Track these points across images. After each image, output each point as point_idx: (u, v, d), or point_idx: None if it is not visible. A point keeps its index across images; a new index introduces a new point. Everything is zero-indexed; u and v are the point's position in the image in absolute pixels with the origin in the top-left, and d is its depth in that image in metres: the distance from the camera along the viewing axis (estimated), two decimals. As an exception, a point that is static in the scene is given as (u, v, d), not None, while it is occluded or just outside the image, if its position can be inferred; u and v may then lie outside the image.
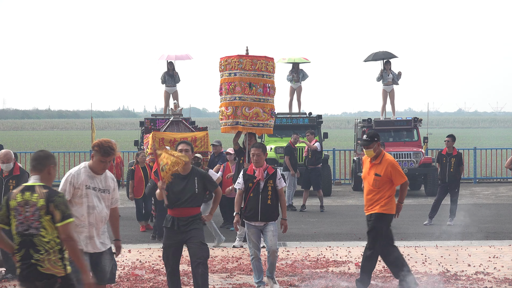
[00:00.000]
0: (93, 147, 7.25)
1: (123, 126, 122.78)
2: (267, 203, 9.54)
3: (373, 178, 9.49)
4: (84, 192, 7.18)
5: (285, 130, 22.80)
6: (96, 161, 7.23)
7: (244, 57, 12.96)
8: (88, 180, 7.22)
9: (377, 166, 9.51)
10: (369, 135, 9.59)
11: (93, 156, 7.25)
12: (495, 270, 10.91)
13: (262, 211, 9.54)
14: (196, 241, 8.48)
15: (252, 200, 9.57)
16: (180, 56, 22.68)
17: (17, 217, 6.15)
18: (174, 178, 8.49)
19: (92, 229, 7.22)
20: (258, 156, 9.59)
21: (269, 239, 9.57)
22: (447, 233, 14.67)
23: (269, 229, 9.59)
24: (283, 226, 9.72)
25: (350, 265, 11.34)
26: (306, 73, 24.00)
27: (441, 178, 16.07)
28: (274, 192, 9.59)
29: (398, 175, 9.46)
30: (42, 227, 6.10)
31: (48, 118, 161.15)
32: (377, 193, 9.50)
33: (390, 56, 23.64)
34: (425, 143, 23.92)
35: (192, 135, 14.84)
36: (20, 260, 6.16)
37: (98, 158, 7.21)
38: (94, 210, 7.21)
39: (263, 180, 9.56)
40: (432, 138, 32.09)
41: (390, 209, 9.56)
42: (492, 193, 22.78)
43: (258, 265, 9.63)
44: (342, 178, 26.87)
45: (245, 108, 12.94)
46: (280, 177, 9.67)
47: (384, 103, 23.73)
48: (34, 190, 6.17)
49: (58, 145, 57.89)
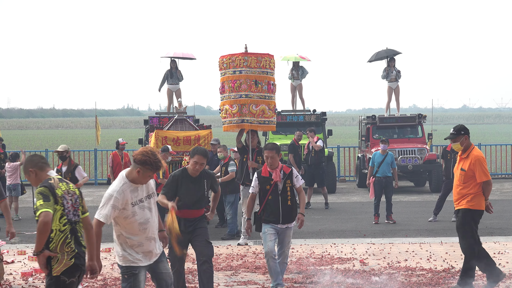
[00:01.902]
0: (142, 164, 6.57)
1: (127, 124, 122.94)
2: (288, 204, 9.20)
3: (459, 172, 9.40)
4: (131, 212, 6.62)
5: (289, 128, 22.79)
6: (143, 176, 6.60)
7: (249, 55, 12.95)
8: (131, 196, 6.62)
9: (464, 160, 9.40)
10: (456, 128, 9.52)
11: (139, 171, 6.58)
12: (500, 266, 10.87)
13: (284, 213, 9.17)
14: (201, 239, 8.52)
15: (271, 203, 9.18)
16: (186, 54, 22.75)
17: (65, 205, 6.20)
18: (184, 181, 8.44)
19: (150, 243, 6.73)
20: (272, 159, 9.19)
21: (286, 243, 9.30)
22: (452, 230, 14.63)
23: (288, 234, 9.28)
24: (299, 220, 9.22)
25: (355, 262, 11.34)
26: (306, 69, 24.00)
27: (445, 175, 16.06)
28: (292, 192, 9.26)
29: (481, 172, 9.22)
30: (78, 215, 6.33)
31: (53, 117, 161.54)
32: (463, 188, 9.33)
33: (393, 53, 23.64)
34: (429, 140, 23.91)
35: (196, 133, 14.85)
36: (77, 248, 6.22)
37: (147, 174, 6.61)
38: (147, 224, 6.70)
39: (281, 181, 9.19)
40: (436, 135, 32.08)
41: (478, 204, 9.31)
42: (497, 189, 22.74)
43: (273, 265, 9.19)
44: (347, 175, 26.87)
45: (252, 106, 12.92)
46: (297, 175, 9.31)
47: (389, 100, 23.74)
48: (64, 181, 6.34)
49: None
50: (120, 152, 18.28)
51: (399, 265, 11.00)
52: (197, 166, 8.43)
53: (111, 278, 10.42)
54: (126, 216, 6.59)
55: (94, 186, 25.51)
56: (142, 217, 6.63)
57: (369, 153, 21.57)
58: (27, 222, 16.70)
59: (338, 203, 19.74)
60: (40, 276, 10.57)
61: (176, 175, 8.53)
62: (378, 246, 12.81)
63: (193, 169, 8.45)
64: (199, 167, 8.44)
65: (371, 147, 22.49)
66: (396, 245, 12.90)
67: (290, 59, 23.84)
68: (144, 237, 6.67)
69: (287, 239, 9.31)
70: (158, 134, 14.36)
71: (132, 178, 6.63)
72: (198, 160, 8.41)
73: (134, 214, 6.59)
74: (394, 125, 23.52)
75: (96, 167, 26.40)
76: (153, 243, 6.76)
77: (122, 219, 6.61)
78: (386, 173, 15.90)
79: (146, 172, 6.58)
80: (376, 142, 21.73)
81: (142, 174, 6.59)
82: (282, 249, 9.35)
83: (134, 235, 6.65)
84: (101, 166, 27.13)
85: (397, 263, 11.16)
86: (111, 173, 17.98)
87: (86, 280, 10.25)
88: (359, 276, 10.13)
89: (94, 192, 23.46)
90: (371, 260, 11.51)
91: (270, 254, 9.15)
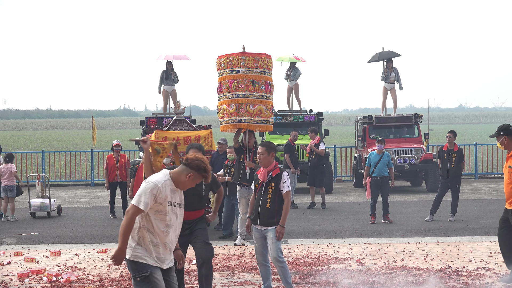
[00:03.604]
0: (198, 170, 6.34)
1: (124, 125, 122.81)
2: (266, 207, 8.98)
3: (508, 170, 9.48)
4: (166, 209, 6.34)
5: (285, 128, 22.79)
6: (191, 182, 6.38)
7: (247, 55, 12.95)
8: (170, 195, 6.38)
9: (510, 158, 9.54)
10: (498, 128, 9.67)
11: (190, 176, 6.34)
12: (496, 265, 10.92)
13: (261, 215, 9.01)
14: (200, 241, 8.51)
15: (255, 202, 9.15)
16: (178, 56, 22.77)
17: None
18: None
19: (166, 251, 6.42)
20: (261, 155, 9.08)
21: (269, 246, 9.03)
22: (449, 229, 14.67)
23: (269, 236, 9.01)
24: (278, 232, 8.92)
25: (352, 262, 11.34)
26: (299, 70, 24.02)
27: (442, 174, 16.07)
28: (275, 196, 8.95)
29: None
30: None
31: (49, 118, 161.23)
32: None
33: (392, 55, 23.66)
34: (426, 139, 23.93)
35: (196, 133, 14.75)
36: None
37: (197, 180, 6.40)
38: (171, 228, 6.40)
39: (265, 182, 9.06)
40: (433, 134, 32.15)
41: None
42: (493, 188, 22.78)
43: (263, 271, 9.11)
44: (343, 175, 26.88)
45: (250, 105, 12.92)
46: (285, 181, 8.97)
47: (384, 100, 23.75)
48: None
49: (59, 144, 57.89)
50: (115, 154, 17.79)
51: (395, 265, 11.01)
52: None
53: (107, 279, 10.41)
54: (159, 211, 6.28)
55: (91, 187, 25.49)
56: (171, 219, 6.36)
57: (366, 153, 21.57)
58: (23, 223, 16.68)
59: (335, 203, 19.75)
60: (36, 277, 10.55)
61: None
62: (374, 246, 12.82)
63: None
64: None
65: (368, 147, 22.50)
66: (392, 245, 12.91)
67: (285, 60, 23.86)
68: (163, 240, 6.36)
69: (270, 240, 8.97)
70: (158, 134, 14.29)
71: (177, 180, 6.36)
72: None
73: (166, 213, 6.31)
74: (390, 125, 23.54)
75: (93, 168, 26.39)
76: (168, 254, 6.45)
77: (154, 212, 6.27)
78: (383, 173, 15.91)
79: (197, 178, 6.36)
80: (372, 142, 21.74)
81: (192, 179, 6.35)
82: (270, 255, 9.07)
83: (155, 234, 6.32)
84: (97, 167, 27.12)
85: (393, 263, 11.17)
86: (106, 176, 17.59)
87: (82, 281, 10.25)
88: (356, 276, 10.13)
89: (91, 193, 23.45)
90: (368, 260, 11.52)
91: (257, 257, 9.19)
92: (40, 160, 27.20)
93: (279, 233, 8.92)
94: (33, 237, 14.67)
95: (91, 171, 26.58)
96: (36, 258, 11.97)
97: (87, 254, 12.57)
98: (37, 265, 11.46)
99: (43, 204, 17.50)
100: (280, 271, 9.06)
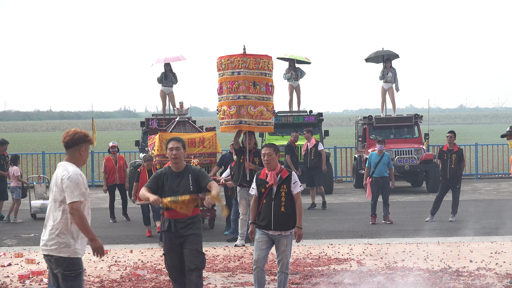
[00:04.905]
0: (83, 141, 6.70)
1: (124, 126, 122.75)
2: (281, 210, 8.57)
3: None
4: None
5: (285, 129, 22.79)
6: (85, 153, 6.82)
7: (248, 56, 12.96)
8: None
9: None
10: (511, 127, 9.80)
11: (82, 150, 6.69)
12: (497, 265, 10.91)
13: (276, 219, 8.57)
14: (192, 247, 8.07)
15: (265, 207, 8.64)
16: (172, 58, 22.54)
17: None
18: (168, 177, 8.16)
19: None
20: (269, 156, 8.68)
21: (281, 251, 8.64)
22: (449, 230, 14.67)
23: (282, 242, 8.64)
24: (296, 234, 8.65)
25: (352, 263, 11.35)
26: (303, 71, 23.93)
27: (442, 175, 16.07)
28: (288, 198, 8.62)
29: None
30: None
31: (50, 119, 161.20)
32: None
33: (391, 55, 23.64)
34: (426, 140, 23.93)
35: (201, 135, 14.65)
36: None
37: (87, 149, 6.86)
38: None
39: (276, 185, 8.65)
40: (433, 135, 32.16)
41: None
42: (493, 188, 22.79)
43: (260, 276, 8.64)
44: (344, 175, 26.88)
45: (250, 107, 12.93)
46: (295, 181, 8.68)
47: (383, 100, 23.75)
48: None
49: (60, 146, 57.73)
50: (113, 156, 17.27)
51: (396, 266, 11.01)
52: (174, 151, 8.13)
53: (108, 280, 10.42)
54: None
55: (91, 188, 25.47)
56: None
57: (366, 154, 21.56)
58: (24, 225, 16.69)
59: (335, 203, 19.75)
60: (37, 278, 10.56)
61: (160, 171, 8.26)
62: (375, 246, 12.82)
63: (170, 155, 8.18)
64: (176, 151, 8.13)
65: (368, 147, 22.50)
66: (393, 245, 12.91)
67: (297, 58, 23.62)
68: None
69: (282, 247, 8.66)
70: (162, 137, 14.16)
71: (78, 162, 6.71)
72: (172, 145, 8.16)
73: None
74: (390, 126, 23.53)
75: (93, 169, 26.39)
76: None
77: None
78: (383, 174, 15.91)
79: (87, 147, 6.74)
80: (372, 143, 21.73)
81: (85, 150, 6.68)
82: (278, 257, 8.77)
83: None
84: (97, 168, 27.11)
85: (394, 264, 11.17)
86: (104, 179, 17.12)
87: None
88: (356, 277, 10.14)
89: (91, 195, 23.43)
90: (368, 260, 11.52)
91: (257, 263, 8.65)
92: (40, 162, 27.21)
93: (298, 235, 8.65)
94: (34, 238, 14.68)
95: (91, 172, 26.58)
96: (37, 260, 11.97)
97: (88, 255, 12.54)
98: (38, 267, 11.46)
99: (44, 205, 17.50)
100: (284, 278, 8.76)
